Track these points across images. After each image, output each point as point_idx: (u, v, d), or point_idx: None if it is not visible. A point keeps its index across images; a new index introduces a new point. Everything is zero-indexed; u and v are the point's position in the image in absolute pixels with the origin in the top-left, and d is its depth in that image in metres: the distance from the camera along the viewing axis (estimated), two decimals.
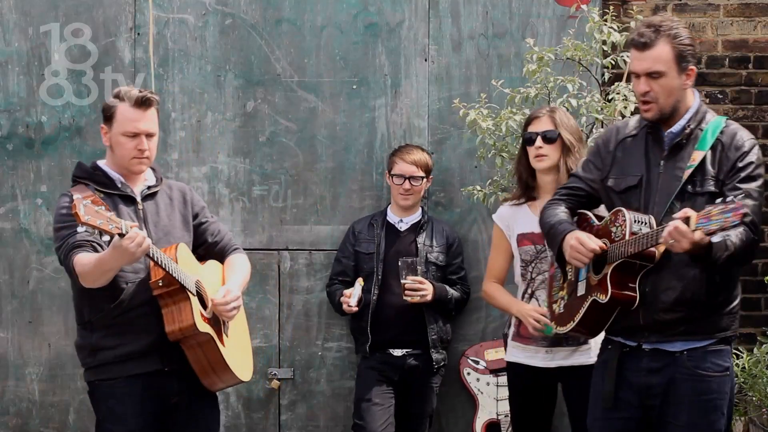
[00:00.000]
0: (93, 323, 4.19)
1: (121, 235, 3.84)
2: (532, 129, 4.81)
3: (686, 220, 3.59)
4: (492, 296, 5.03)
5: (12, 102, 5.98)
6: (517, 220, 4.89)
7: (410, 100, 5.96)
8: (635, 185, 3.96)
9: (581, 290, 4.00)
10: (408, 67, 5.95)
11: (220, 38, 5.97)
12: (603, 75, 5.53)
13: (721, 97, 6.01)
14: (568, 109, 5.22)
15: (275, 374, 6.00)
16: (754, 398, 5.34)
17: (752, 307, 6.01)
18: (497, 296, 4.99)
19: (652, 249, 3.79)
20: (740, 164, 3.82)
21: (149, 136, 4.26)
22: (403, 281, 5.43)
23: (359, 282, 5.57)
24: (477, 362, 5.86)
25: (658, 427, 3.93)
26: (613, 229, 3.87)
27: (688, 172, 3.85)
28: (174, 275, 4.08)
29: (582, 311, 3.95)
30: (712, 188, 3.82)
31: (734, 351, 5.32)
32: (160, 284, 4.10)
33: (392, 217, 5.74)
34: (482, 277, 5.88)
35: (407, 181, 5.61)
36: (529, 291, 4.87)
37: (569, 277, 4.11)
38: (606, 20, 5.35)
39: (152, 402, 4.22)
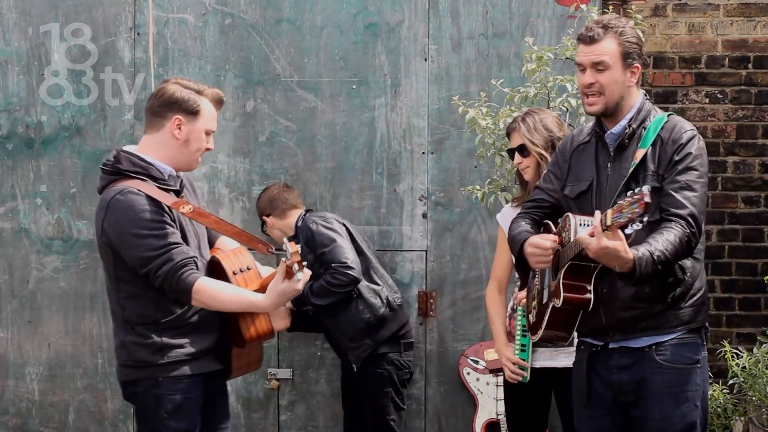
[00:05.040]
0: (160, 323, 4.07)
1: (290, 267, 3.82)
2: (510, 144, 4.84)
3: (605, 218, 3.62)
4: (488, 312, 5.01)
5: (12, 102, 5.99)
6: None
7: (410, 99, 5.96)
8: (586, 190, 4.00)
9: (545, 297, 4.04)
10: (408, 67, 5.95)
11: (220, 38, 5.97)
12: None
13: (720, 97, 6.01)
14: (567, 109, 5.22)
15: (274, 374, 6.00)
16: (753, 398, 5.33)
17: (752, 307, 6.01)
18: (492, 316, 4.96)
19: None
20: (677, 157, 3.83)
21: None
22: None
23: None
24: (476, 362, 5.86)
25: (635, 422, 3.96)
26: (564, 234, 3.90)
27: (630, 171, 3.88)
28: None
29: (546, 318, 3.98)
30: (654, 183, 3.84)
31: (734, 351, 5.36)
32: None
33: None
34: (483, 277, 5.92)
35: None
36: (515, 290, 4.87)
37: (536, 286, 4.15)
38: None
39: (205, 400, 4.17)
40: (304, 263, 3.85)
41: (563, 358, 4.70)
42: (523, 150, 4.74)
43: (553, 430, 5.14)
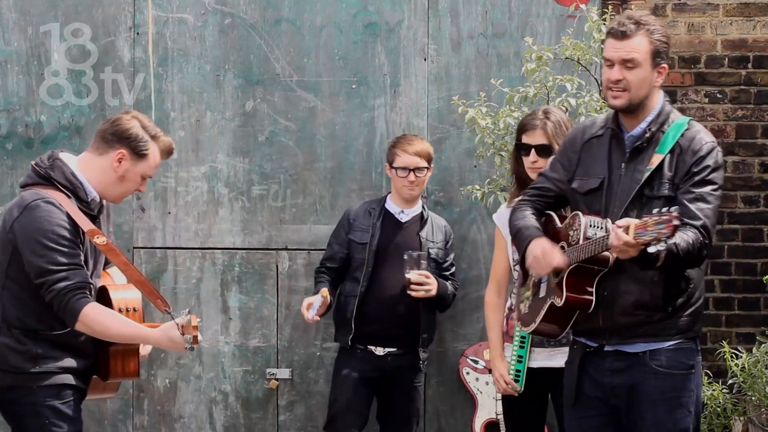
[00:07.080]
0: (38, 333, 4.06)
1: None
2: (526, 139, 4.70)
3: (626, 230, 3.58)
4: (486, 318, 4.96)
5: (11, 102, 5.99)
6: None
7: (409, 99, 5.96)
8: (597, 187, 3.93)
9: (543, 292, 4.02)
10: (407, 67, 5.95)
11: (220, 38, 5.97)
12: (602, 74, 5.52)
13: (720, 96, 6.01)
14: (567, 109, 5.21)
15: (274, 374, 6.00)
16: (753, 398, 5.33)
17: (752, 307, 6.01)
18: (489, 323, 4.90)
19: (606, 254, 3.77)
20: (695, 168, 3.78)
21: None
22: (407, 275, 5.32)
23: (322, 293, 5.35)
24: (476, 362, 5.86)
25: (626, 426, 3.93)
26: (571, 233, 3.86)
27: (646, 175, 3.82)
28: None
29: (542, 313, 3.96)
30: (668, 192, 3.79)
31: (733, 351, 5.36)
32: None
33: (393, 207, 5.56)
34: (482, 276, 5.91)
35: (412, 173, 5.44)
36: (515, 290, 4.85)
37: (532, 277, 4.11)
38: (605, 20, 5.35)
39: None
40: (200, 340, 3.89)
41: (560, 358, 4.68)
42: (545, 149, 4.65)
43: (552, 430, 5.14)
